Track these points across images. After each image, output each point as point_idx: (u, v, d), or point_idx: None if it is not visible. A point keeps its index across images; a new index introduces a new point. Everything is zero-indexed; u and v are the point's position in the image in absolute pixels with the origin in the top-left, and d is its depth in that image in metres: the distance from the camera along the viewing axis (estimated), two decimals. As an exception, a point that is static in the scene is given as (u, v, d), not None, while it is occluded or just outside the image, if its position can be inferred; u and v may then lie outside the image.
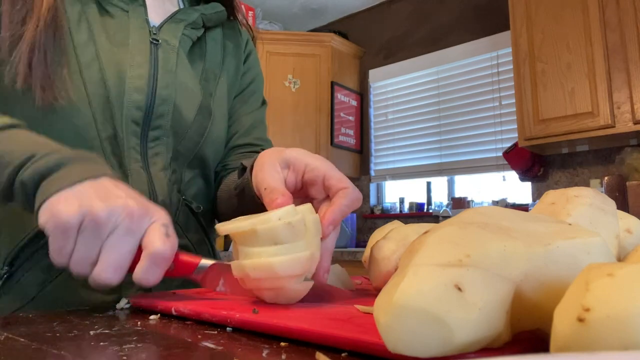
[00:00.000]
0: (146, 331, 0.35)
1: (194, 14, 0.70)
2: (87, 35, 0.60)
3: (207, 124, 0.69)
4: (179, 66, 0.67)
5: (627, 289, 0.17)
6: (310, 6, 3.67)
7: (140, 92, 0.61)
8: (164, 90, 0.63)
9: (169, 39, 0.66)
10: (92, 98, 0.59)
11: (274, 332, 0.32)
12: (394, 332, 0.21)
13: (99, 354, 0.28)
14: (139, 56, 0.63)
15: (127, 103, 0.60)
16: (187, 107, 0.66)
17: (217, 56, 0.75)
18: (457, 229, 0.25)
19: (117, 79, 0.60)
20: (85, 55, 0.59)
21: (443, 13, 3.28)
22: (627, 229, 0.38)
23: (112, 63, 0.61)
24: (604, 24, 2.23)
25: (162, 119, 0.63)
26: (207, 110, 0.69)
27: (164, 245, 0.42)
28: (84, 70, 0.59)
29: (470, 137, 3.09)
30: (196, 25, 0.71)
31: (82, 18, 0.61)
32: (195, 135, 0.67)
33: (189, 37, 0.70)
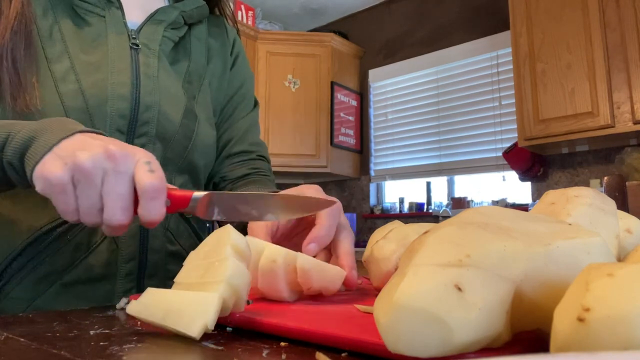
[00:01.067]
0: (146, 331, 0.35)
1: (174, 12, 0.68)
2: (61, 48, 0.59)
3: (193, 128, 0.67)
4: (161, 70, 0.65)
5: (627, 289, 0.17)
6: (310, 6, 3.67)
7: (123, 99, 0.60)
8: (148, 97, 0.62)
9: (148, 43, 0.64)
10: (69, 110, 0.57)
11: (274, 332, 0.32)
12: (394, 332, 0.21)
13: (99, 354, 0.28)
14: (120, 62, 0.61)
15: (110, 111, 0.59)
16: (172, 112, 0.64)
17: (201, 57, 0.73)
18: (457, 229, 0.25)
19: (96, 88, 0.59)
20: (59, 68, 0.58)
21: (443, 13, 3.28)
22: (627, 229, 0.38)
23: (89, 73, 0.59)
24: (604, 24, 2.23)
25: (147, 125, 0.62)
26: (192, 114, 0.68)
27: (151, 179, 0.43)
28: (59, 83, 0.57)
29: (470, 137, 3.09)
30: (177, 25, 0.69)
31: (55, 29, 0.59)
32: (183, 140, 0.66)
33: (169, 39, 0.67)
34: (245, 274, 0.35)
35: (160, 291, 0.35)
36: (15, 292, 0.56)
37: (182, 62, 0.70)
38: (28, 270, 0.56)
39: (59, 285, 0.57)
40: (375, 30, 3.64)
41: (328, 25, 3.90)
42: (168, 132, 0.64)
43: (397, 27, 3.52)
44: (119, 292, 0.59)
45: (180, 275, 0.38)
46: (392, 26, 3.55)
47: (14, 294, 0.56)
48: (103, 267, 0.59)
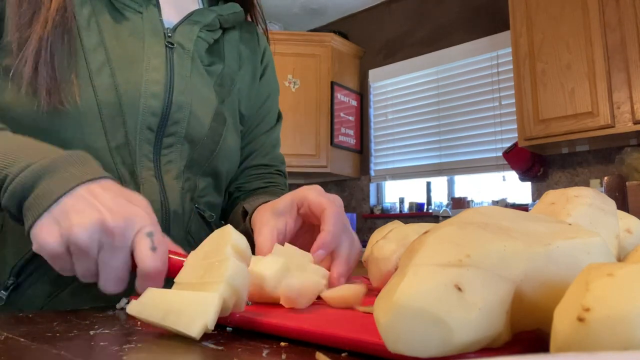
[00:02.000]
0: (146, 331, 0.35)
1: (210, 15, 0.67)
2: (98, 39, 0.58)
3: (222, 131, 0.67)
4: (194, 71, 0.64)
5: (627, 289, 0.17)
6: (310, 6, 3.67)
7: (157, 97, 0.59)
8: (180, 96, 0.61)
9: (184, 42, 0.64)
10: (102, 105, 0.56)
11: (274, 332, 0.32)
12: (394, 332, 0.21)
13: (99, 354, 0.28)
14: (155, 60, 0.60)
15: (142, 108, 0.58)
16: (203, 114, 0.64)
17: (234, 62, 0.73)
18: (457, 229, 0.25)
19: (131, 84, 0.58)
20: (95, 60, 0.57)
21: (443, 13, 3.28)
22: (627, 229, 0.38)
23: (124, 68, 0.58)
24: (604, 24, 2.23)
25: (177, 125, 0.61)
26: (221, 117, 0.67)
27: (153, 262, 0.41)
28: (94, 76, 0.56)
29: (470, 137, 3.09)
30: (212, 27, 0.68)
31: (92, 21, 0.58)
32: (211, 143, 0.65)
33: (204, 40, 0.67)
34: (245, 274, 0.35)
35: (160, 291, 0.35)
36: (32, 290, 0.56)
37: (216, 65, 0.69)
38: (45, 269, 0.55)
39: (76, 285, 0.56)
40: (375, 30, 3.64)
41: (328, 25, 3.90)
42: (197, 134, 0.63)
43: (397, 27, 3.52)
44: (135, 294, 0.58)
45: (180, 275, 0.38)
46: (392, 26, 3.55)
47: (31, 291, 0.56)
48: None
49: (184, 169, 0.63)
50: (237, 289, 0.34)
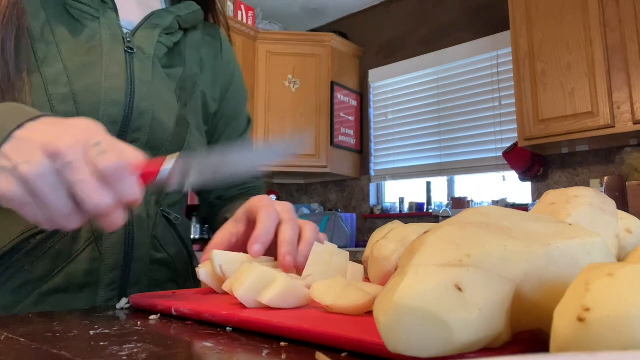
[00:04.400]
0: (146, 331, 0.35)
1: (169, 17, 0.66)
2: (53, 50, 0.56)
3: (185, 135, 0.66)
4: (155, 76, 0.63)
5: (627, 289, 0.17)
6: (310, 6, 3.67)
7: (117, 105, 0.58)
8: (142, 103, 0.60)
9: (144, 47, 0.63)
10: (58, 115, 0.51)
11: (274, 332, 0.32)
12: (394, 332, 0.21)
13: (99, 354, 0.28)
14: (114, 66, 0.59)
15: (102, 117, 0.57)
16: (165, 119, 0.63)
17: (195, 65, 0.72)
18: (457, 229, 0.25)
19: (89, 92, 0.56)
20: (50, 71, 0.55)
21: (443, 13, 3.28)
22: (627, 229, 0.38)
23: (82, 76, 0.57)
24: (604, 24, 2.23)
25: (139, 132, 0.60)
26: (184, 121, 0.66)
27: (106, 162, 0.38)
28: (49, 86, 0.55)
29: (470, 137, 3.09)
30: (172, 30, 0.67)
31: (46, 31, 0.57)
32: (175, 147, 0.64)
33: (163, 44, 0.66)
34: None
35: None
36: (6, 288, 0.55)
37: (177, 68, 0.68)
38: (5, 278, 0.54)
39: (38, 294, 0.55)
40: (375, 30, 3.64)
41: (328, 25, 3.90)
42: (159, 139, 0.62)
43: (397, 27, 3.52)
44: (100, 301, 0.58)
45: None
46: (392, 26, 3.55)
47: (3, 291, 0.55)
48: (84, 275, 0.57)
49: None
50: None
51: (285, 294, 0.38)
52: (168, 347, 0.30)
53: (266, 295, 0.38)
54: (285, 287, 0.39)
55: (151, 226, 0.63)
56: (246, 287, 0.39)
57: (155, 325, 0.38)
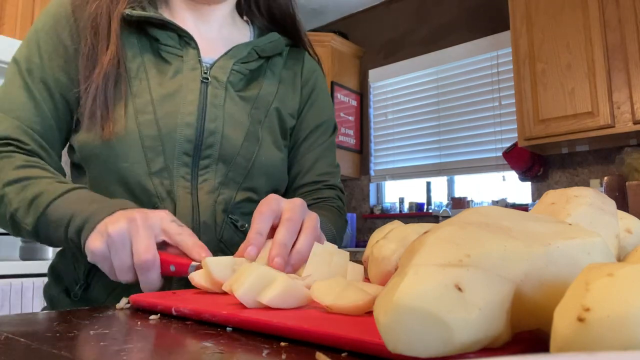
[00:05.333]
0: (146, 331, 0.35)
1: (246, 48, 0.76)
2: (145, 85, 0.69)
3: (254, 150, 0.74)
4: (227, 99, 0.73)
5: (627, 289, 0.17)
6: (310, 6, 3.67)
7: (190, 127, 0.69)
8: (211, 124, 0.70)
9: (218, 76, 0.73)
10: (144, 138, 0.67)
11: (274, 332, 0.32)
12: (394, 332, 0.21)
13: (99, 354, 0.28)
14: (190, 95, 0.70)
15: (179, 137, 0.68)
16: (234, 136, 0.72)
17: (272, 86, 0.79)
18: (457, 229, 0.25)
19: (169, 118, 0.68)
20: (140, 102, 0.68)
21: (443, 13, 3.28)
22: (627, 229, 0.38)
23: (164, 105, 0.68)
24: (604, 24, 2.23)
25: (211, 149, 0.70)
26: (254, 137, 0.74)
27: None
28: (138, 114, 0.67)
29: (470, 137, 3.09)
30: (248, 59, 0.76)
31: (141, 70, 0.70)
32: (243, 161, 0.72)
33: (238, 72, 0.75)
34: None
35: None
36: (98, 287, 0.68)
37: (252, 91, 0.77)
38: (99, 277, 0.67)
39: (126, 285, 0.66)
40: (375, 30, 3.64)
41: (328, 25, 3.90)
42: (229, 154, 0.71)
43: (397, 27, 3.52)
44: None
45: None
46: (392, 26, 3.55)
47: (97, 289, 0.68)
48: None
49: (218, 185, 0.71)
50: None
51: (285, 294, 0.38)
52: (168, 347, 0.30)
53: (266, 295, 0.38)
54: (285, 287, 0.39)
55: (217, 230, 0.70)
56: (246, 287, 0.39)
57: (155, 325, 0.38)
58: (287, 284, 0.39)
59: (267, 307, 0.39)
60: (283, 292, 0.38)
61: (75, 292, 0.69)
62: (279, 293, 0.38)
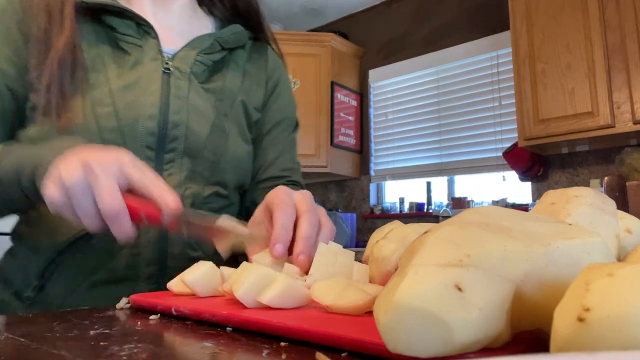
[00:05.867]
0: (146, 331, 0.35)
1: (209, 40, 0.74)
2: (102, 76, 0.65)
3: (221, 143, 0.72)
4: (191, 91, 0.70)
5: (627, 289, 0.17)
6: (310, 6, 3.67)
7: (152, 119, 0.66)
8: (175, 116, 0.67)
9: (181, 67, 0.70)
10: (103, 131, 0.63)
11: (274, 332, 0.32)
12: (394, 332, 0.21)
13: (99, 354, 0.28)
14: (152, 86, 0.67)
15: (141, 129, 0.65)
16: (199, 129, 0.69)
17: (236, 79, 0.77)
18: (457, 229, 0.25)
19: (130, 109, 0.65)
20: (99, 94, 0.64)
21: (443, 13, 3.28)
22: (627, 229, 0.38)
23: (124, 96, 0.65)
24: (604, 24, 2.23)
25: (175, 142, 0.67)
26: (220, 130, 0.72)
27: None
28: (96, 106, 0.63)
29: (470, 137, 3.09)
30: (211, 50, 0.74)
31: (98, 61, 0.66)
32: (210, 155, 0.70)
33: (202, 63, 0.72)
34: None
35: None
36: (55, 289, 0.64)
37: (216, 82, 0.75)
38: (62, 270, 0.64)
39: (87, 285, 0.64)
40: (375, 30, 3.64)
41: (328, 25, 3.90)
42: (195, 147, 0.69)
43: (397, 27, 3.52)
44: (142, 292, 0.62)
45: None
46: (392, 26, 3.55)
47: (54, 290, 0.64)
48: (125, 269, 0.64)
49: (184, 180, 0.68)
50: None
51: (285, 294, 0.38)
52: (168, 347, 0.30)
53: (266, 295, 0.38)
54: (285, 287, 0.39)
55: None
56: (246, 287, 0.39)
57: (155, 325, 0.38)
58: (287, 284, 0.39)
59: (267, 307, 0.39)
60: (283, 292, 0.38)
61: (28, 295, 0.64)
62: (279, 293, 0.38)
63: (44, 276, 0.64)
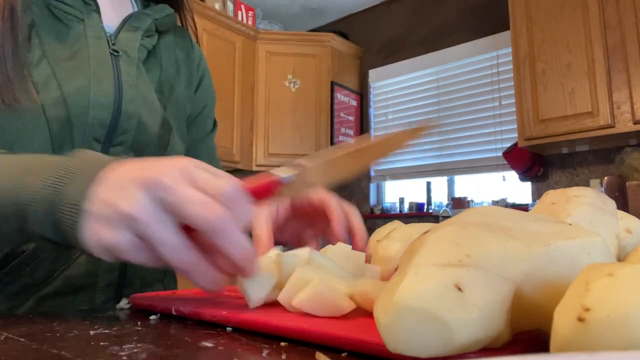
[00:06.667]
0: (146, 331, 0.35)
1: (147, 19, 0.66)
2: (40, 52, 0.55)
3: (169, 139, 0.65)
4: (140, 79, 0.62)
5: (627, 289, 0.17)
6: (310, 6, 3.67)
7: (106, 109, 0.57)
8: (129, 106, 0.59)
9: (128, 50, 0.62)
10: (51, 121, 0.53)
11: (274, 332, 0.32)
12: (394, 332, 0.21)
13: (99, 354, 0.28)
14: (101, 69, 0.58)
15: (91, 120, 0.56)
16: (151, 122, 0.62)
17: (171, 67, 0.71)
18: (457, 229, 0.25)
19: (78, 96, 0.55)
20: (39, 75, 0.54)
21: (443, 13, 3.28)
22: (627, 229, 0.38)
23: (70, 79, 0.55)
24: (604, 24, 2.23)
25: (125, 135, 0.59)
26: (167, 125, 0.66)
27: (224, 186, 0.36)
28: (40, 91, 0.53)
29: (470, 137, 3.09)
30: (150, 33, 0.67)
31: (33, 33, 0.55)
32: (157, 150, 0.63)
33: (144, 47, 0.65)
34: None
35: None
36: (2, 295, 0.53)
37: (154, 71, 0.67)
38: (4, 284, 0.53)
39: (36, 298, 0.54)
40: (375, 30, 3.64)
41: (328, 25, 3.90)
42: (144, 142, 0.62)
43: (397, 27, 3.52)
44: (98, 302, 0.58)
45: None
46: (392, 26, 3.55)
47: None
48: (83, 278, 0.56)
49: None
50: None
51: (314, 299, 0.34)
52: (168, 347, 0.30)
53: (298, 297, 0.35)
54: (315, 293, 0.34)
55: None
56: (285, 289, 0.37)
57: (155, 325, 0.38)
58: (319, 289, 0.34)
59: (267, 307, 0.39)
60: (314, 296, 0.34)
61: None
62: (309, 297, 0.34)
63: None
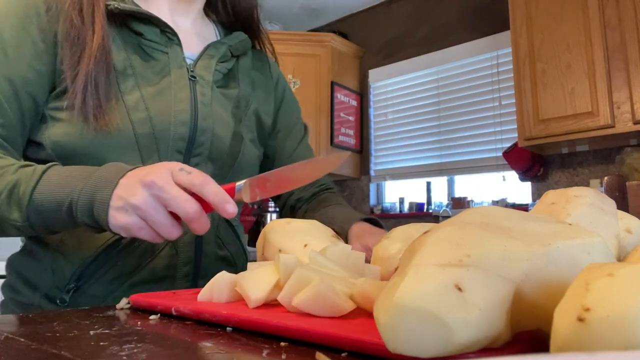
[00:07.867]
0: (146, 331, 0.35)
1: (222, 47, 0.78)
2: (132, 82, 0.68)
3: (239, 148, 0.76)
4: (214, 99, 0.74)
5: (627, 289, 0.17)
6: (310, 6, 3.66)
7: (184, 125, 0.69)
8: (204, 122, 0.71)
9: (204, 75, 0.74)
10: (139, 137, 0.66)
11: (274, 332, 0.32)
12: (394, 332, 0.21)
13: (99, 354, 0.28)
14: (181, 92, 0.70)
15: (173, 135, 0.68)
16: (223, 135, 0.74)
17: (247, 86, 0.82)
18: (457, 229, 0.25)
19: (162, 115, 0.68)
20: (131, 100, 0.66)
21: (443, 13, 3.28)
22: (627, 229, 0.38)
23: (156, 102, 0.68)
24: (604, 24, 2.23)
25: (202, 147, 0.71)
26: (238, 136, 0.77)
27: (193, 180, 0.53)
28: (131, 112, 0.66)
29: (470, 137, 3.09)
30: (225, 58, 0.78)
31: (127, 65, 0.68)
32: (230, 160, 0.75)
33: (219, 72, 0.77)
34: None
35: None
36: (92, 290, 0.65)
37: (232, 90, 0.79)
38: (102, 272, 0.65)
39: (128, 285, 0.66)
40: (375, 30, 3.64)
41: (328, 25, 3.90)
42: (219, 153, 0.73)
43: (397, 27, 3.52)
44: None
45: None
46: (392, 26, 3.55)
47: (91, 291, 0.65)
48: (164, 269, 0.68)
49: None
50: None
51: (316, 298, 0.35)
52: (168, 347, 0.30)
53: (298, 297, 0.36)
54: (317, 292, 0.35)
55: (215, 227, 0.73)
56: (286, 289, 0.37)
57: (155, 325, 0.38)
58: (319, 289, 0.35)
59: (266, 307, 0.39)
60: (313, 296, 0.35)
61: (63, 298, 0.64)
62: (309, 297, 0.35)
63: (81, 279, 0.65)
